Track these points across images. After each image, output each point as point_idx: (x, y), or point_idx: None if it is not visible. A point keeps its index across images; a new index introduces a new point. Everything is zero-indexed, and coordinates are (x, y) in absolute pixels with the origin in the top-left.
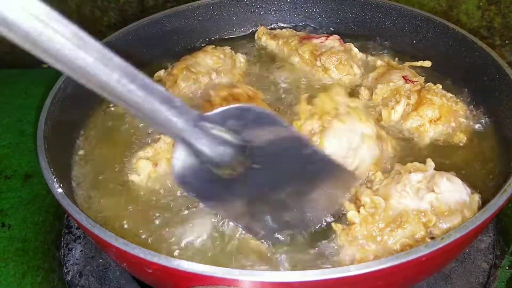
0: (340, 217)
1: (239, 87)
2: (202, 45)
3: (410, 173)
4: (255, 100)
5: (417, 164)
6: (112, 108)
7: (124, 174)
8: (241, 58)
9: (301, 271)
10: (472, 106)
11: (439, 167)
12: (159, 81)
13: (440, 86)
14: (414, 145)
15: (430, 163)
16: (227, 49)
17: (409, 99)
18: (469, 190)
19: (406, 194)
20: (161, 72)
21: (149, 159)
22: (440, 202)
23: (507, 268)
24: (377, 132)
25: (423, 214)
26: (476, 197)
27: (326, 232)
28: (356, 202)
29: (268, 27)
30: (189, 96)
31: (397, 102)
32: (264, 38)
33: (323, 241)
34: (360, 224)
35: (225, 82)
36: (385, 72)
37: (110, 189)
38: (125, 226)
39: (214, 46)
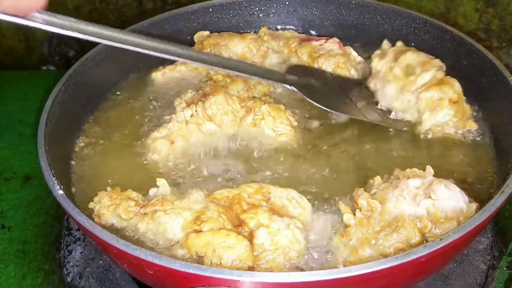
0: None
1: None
2: None
3: (409, 178)
4: None
5: (416, 170)
6: (110, 112)
7: (124, 175)
8: (273, 59)
9: (301, 272)
10: (470, 107)
11: (436, 168)
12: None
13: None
14: (414, 144)
15: (429, 170)
16: (265, 46)
17: (438, 73)
18: (466, 198)
19: (403, 199)
20: (204, 33)
21: (165, 138)
22: (436, 208)
23: (504, 269)
24: None
25: (418, 219)
26: (474, 206)
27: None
28: (354, 204)
29: None
30: None
31: (426, 70)
32: (265, 39)
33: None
34: (355, 227)
35: None
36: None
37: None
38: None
39: (256, 37)
